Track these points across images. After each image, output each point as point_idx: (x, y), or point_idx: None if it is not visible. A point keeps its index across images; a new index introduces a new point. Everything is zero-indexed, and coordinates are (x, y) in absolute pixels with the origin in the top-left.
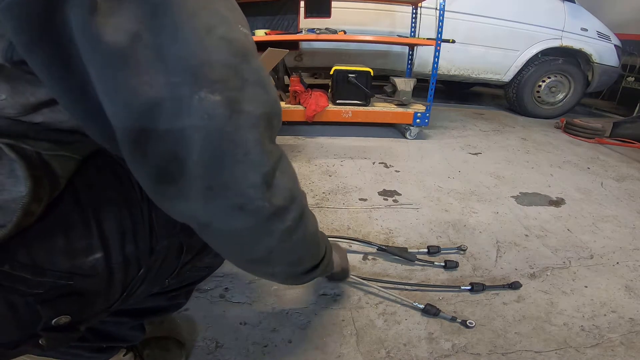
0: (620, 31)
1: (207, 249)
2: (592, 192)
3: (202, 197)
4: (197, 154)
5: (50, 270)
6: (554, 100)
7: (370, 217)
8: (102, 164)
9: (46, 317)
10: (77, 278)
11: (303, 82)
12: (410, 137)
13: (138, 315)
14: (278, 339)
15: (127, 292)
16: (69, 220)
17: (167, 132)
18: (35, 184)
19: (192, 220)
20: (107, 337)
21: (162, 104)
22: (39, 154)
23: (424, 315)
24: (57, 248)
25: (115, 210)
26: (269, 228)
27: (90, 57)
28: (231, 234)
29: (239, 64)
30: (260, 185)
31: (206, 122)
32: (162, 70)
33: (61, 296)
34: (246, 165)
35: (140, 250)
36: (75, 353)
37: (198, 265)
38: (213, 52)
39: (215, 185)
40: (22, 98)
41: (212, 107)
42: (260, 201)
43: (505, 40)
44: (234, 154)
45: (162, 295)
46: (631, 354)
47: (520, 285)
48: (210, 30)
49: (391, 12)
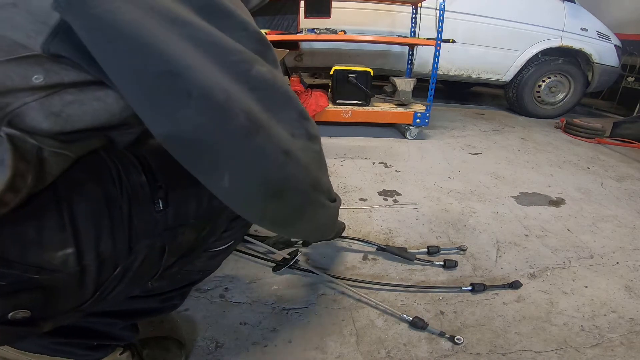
0: (620, 31)
1: (196, 251)
2: (592, 192)
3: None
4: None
5: (17, 262)
6: (554, 100)
7: (370, 217)
8: (84, 159)
9: (3, 311)
10: (45, 272)
11: (303, 82)
12: (410, 137)
13: (129, 317)
14: (278, 339)
15: (100, 292)
16: (42, 212)
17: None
18: (15, 175)
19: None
20: (97, 335)
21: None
22: (41, 149)
23: (411, 328)
24: (26, 239)
25: (91, 205)
26: (312, 147)
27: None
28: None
29: (265, 49)
30: (299, 118)
31: (263, 84)
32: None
33: (24, 290)
34: (290, 105)
35: (117, 249)
36: (68, 350)
37: (189, 268)
38: (250, 42)
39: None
40: (57, 78)
41: (264, 74)
42: (301, 129)
43: (505, 40)
44: (282, 101)
45: (154, 297)
46: (631, 354)
47: (520, 285)
48: (247, 26)
49: (391, 12)
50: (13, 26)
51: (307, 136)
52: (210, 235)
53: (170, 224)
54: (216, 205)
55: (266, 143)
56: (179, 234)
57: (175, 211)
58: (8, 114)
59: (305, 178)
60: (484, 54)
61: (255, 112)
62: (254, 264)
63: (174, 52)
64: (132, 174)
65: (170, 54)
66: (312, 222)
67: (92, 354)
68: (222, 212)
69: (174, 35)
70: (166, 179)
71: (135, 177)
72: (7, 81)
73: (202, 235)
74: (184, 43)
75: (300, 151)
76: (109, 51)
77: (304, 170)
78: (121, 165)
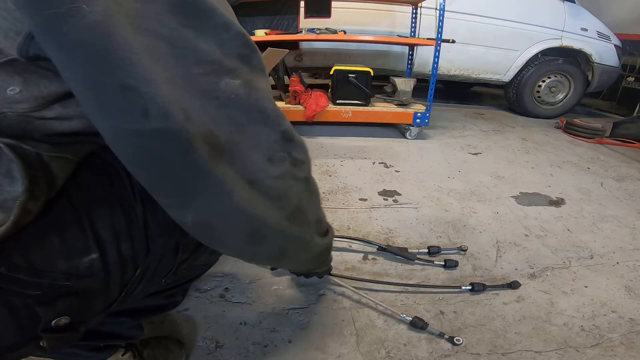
0: (620, 31)
1: (202, 247)
2: (592, 192)
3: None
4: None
5: (47, 271)
6: (554, 100)
7: (370, 217)
8: (93, 165)
9: (45, 319)
10: (74, 279)
11: (303, 82)
12: (410, 137)
13: (136, 315)
14: (278, 339)
15: (125, 292)
16: (63, 221)
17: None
18: (31, 183)
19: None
20: (104, 336)
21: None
22: (39, 155)
23: (410, 329)
24: (52, 249)
25: (108, 210)
26: (294, 174)
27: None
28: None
29: (250, 53)
30: (281, 140)
31: (233, 99)
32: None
33: (59, 297)
34: (269, 124)
35: (135, 251)
36: (73, 352)
37: (194, 263)
38: (232, 46)
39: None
40: (36, 90)
41: (236, 87)
42: (282, 153)
43: (505, 41)
44: (258, 119)
45: (159, 294)
46: (631, 354)
47: (519, 285)
48: (229, 27)
49: (391, 12)
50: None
51: (290, 161)
52: None
53: None
54: None
55: (228, 173)
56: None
57: None
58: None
59: (278, 213)
60: (484, 54)
61: (219, 135)
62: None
63: (132, 63)
64: None
65: (128, 64)
66: (300, 259)
67: (97, 355)
68: None
69: (135, 42)
70: None
71: None
72: None
73: None
74: (145, 52)
75: (274, 180)
76: (63, 56)
77: (278, 202)
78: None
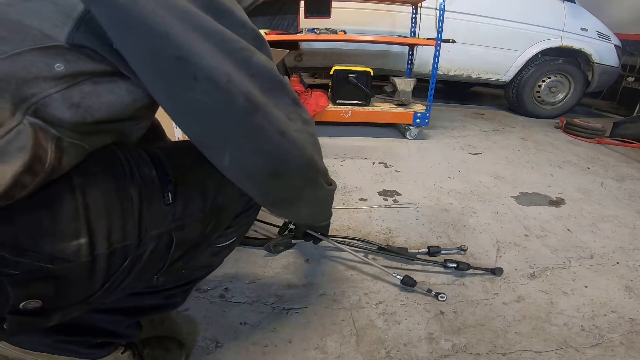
0: (620, 31)
1: (199, 247)
2: (592, 192)
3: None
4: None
5: (31, 251)
6: (554, 100)
7: (370, 217)
8: (98, 154)
9: (15, 300)
10: (58, 262)
11: (303, 82)
12: (410, 137)
13: (134, 314)
14: (278, 339)
15: (109, 284)
16: (57, 202)
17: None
18: (33, 158)
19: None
20: (101, 332)
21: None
22: (60, 139)
23: (402, 288)
24: (41, 228)
25: (104, 197)
26: (307, 130)
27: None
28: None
29: (259, 45)
30: (293, 104)
31: (262, 70)
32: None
33: (36, 279)
34: (285, 92)
35: (127, 240)
36: (71, 349)
37: (194, 264)
38: (247, 38)
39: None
40: (76, 67)
41: (263, 62)
42: (295, 114)
43: (505, 41)
44: (279, 86)
45: (158, 294)
46: (631, 354)
47: (501, 272)
48: (245, 23)
49: (391, 12)
50: (41, 17)
51: (302, 120)
52: (215, 230)
53: (178, 217)
54: (220, 201)
55: (264, 123)
56: (186, 228)
57: (183, 205)
58: (33, 104)
59: (301, 157)
60: (484, 54)
61: (255, 95)
62: (254, 264)
63: (184, 40)
64: (143, 168)
65: (180, 41)
66: (310, 202)
67: (96, 352)
68: (226, 208)
69: (184, 25)
70: (175, 174)
71: (147, 170)
72: (32, 68)
73: (207, 230)
74: (192, 33)
75: (295, 132)
76: (129, 37)
77: (300, 149)
78: (133, 159)
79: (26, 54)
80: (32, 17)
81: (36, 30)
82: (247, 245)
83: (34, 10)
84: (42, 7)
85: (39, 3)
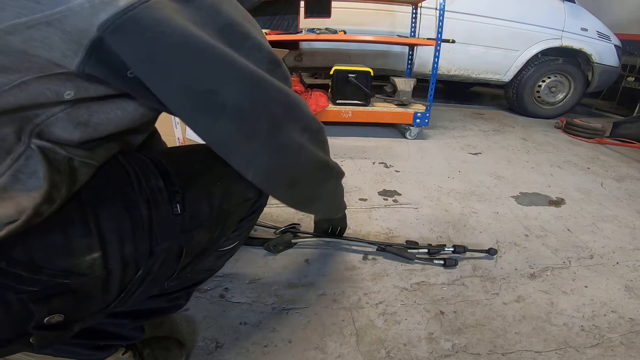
0: (620, 31)
1: (206, 252)
2: (592, 192)
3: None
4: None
5: (47, 268)
6: (554, 100)
7: (370, 217)
8: (104, 166)
9: (39, 316)
10: (74, 277)
11: (303, 82)
12: (410, 137)
13: (138, 317)
14: (278, 339)
15: (124, 294)
16: (69, 219)
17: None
18: (51, 187)
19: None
20: (105, 335)
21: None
22: (71, 159)
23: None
24: (55, 246)
25: (114, 210)
26: (318, 137)
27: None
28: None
29: (275, 68)
30: (304, 116)
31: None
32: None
33: (56, 295)
34: (296, 110)
35: (138, 252)
36: (73, 350)
37: (199, 268)
38: (262, 63)
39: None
40: (85, 93)
41: (284, 73)
42: (307, 124)
43: (505, 41)
44: (293, 102)
45: (162, 297)
46: (631, 354)
47: (495, 252)
48: (261, 47)
49: (391, 12)
50: (49, 46)
51: (316, 128)
52: (221, 235)
53: (186, 227)
54: (226, 207)
55: (287, 141)
56: (195, 236)
57: (191, 214)
58: (37, 125)
59: (324, 157)
60: (484, 54)
61: (277, 115)
62: (254, 264)
63: (212, 72)
64: (151, 179)
65: (209, 73)
66: (327, 192)
67: (97, 354)
68: (232, 214)
69: (208, 56)
70: (181, 183)
71: (154, 182)
72: (41, 98)
73: (214, 236)
74: (217, 62)
75: (308, 142)
76: (159, 71)
77: (324, 150)
78: (140, 170)
79: (34, 82)
80: (38, 47)
81: (44, 59)
82: (247, 245)
83: (39, 38)
84: (50, 35)
85: (46, 30)
